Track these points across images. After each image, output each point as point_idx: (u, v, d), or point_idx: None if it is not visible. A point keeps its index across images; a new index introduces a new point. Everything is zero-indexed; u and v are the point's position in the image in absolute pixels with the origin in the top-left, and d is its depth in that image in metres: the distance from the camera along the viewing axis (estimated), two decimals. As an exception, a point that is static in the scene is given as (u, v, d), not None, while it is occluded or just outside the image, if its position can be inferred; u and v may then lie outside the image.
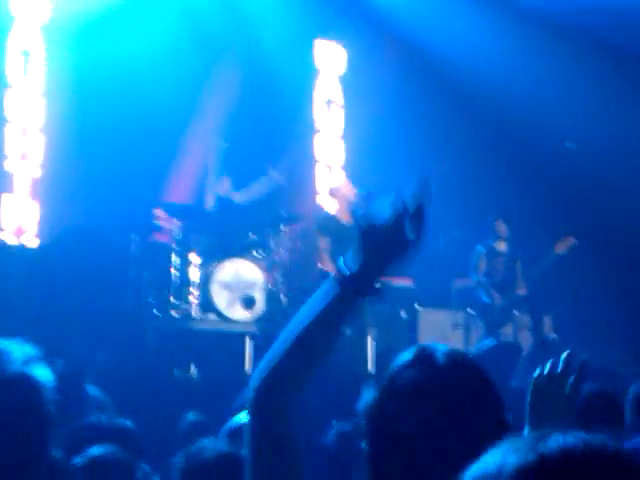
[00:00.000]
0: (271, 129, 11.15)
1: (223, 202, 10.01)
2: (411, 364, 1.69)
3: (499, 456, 1.06)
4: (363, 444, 1.68)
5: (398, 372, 1.71)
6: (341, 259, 1.82)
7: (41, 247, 9.85)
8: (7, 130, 10.25)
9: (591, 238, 10.71)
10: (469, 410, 1.65)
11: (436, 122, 11.49)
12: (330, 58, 12.29)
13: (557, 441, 1.04)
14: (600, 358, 8.80)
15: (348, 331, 8.95)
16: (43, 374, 1.90)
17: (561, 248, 9.72)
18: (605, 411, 3.84)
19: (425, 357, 1.68)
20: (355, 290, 1.82)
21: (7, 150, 10.22)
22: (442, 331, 9.65)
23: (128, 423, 3.56)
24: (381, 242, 1.80)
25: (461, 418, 1.62)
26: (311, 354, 1.79)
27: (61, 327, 7.98)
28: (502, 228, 9.99)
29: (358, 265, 1.80)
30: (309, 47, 12.14)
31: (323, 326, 1.81)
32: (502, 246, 10.02)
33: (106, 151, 10.40)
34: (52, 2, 10.51)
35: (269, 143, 11.06)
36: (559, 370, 2.30)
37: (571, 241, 9.72)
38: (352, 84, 12.18)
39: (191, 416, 4.84)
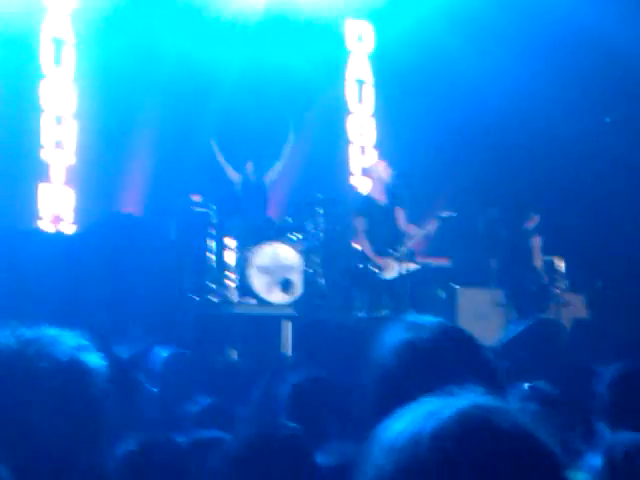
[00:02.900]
0: (302, 112, 11.15)
1: (249, 185, 10.08)
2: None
3: (416, 422, 1.12)
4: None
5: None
6: None
7: (78, 234, 9.92)
8: (42, 120, 10.33)
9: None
10: None
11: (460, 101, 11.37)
12: (360, 37, 12.23)
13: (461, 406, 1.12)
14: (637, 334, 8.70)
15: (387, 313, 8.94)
16: (96, 362, 1.89)
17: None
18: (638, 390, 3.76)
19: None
20: None
21: (43, 139, 10.31)
22: (481, 310, 9.59)
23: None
24: None
25: None
26: None
27: (101, 315, 8.04)
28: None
29: None
30: (340, 28, 12.08)
31: None
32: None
33: (140, 137, 10.46)
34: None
35: (299, 126, 11.07)
36: None
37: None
38: (381, 62, 12.12)
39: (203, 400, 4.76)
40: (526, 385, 4.01)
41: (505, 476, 1.09)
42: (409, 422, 1.14)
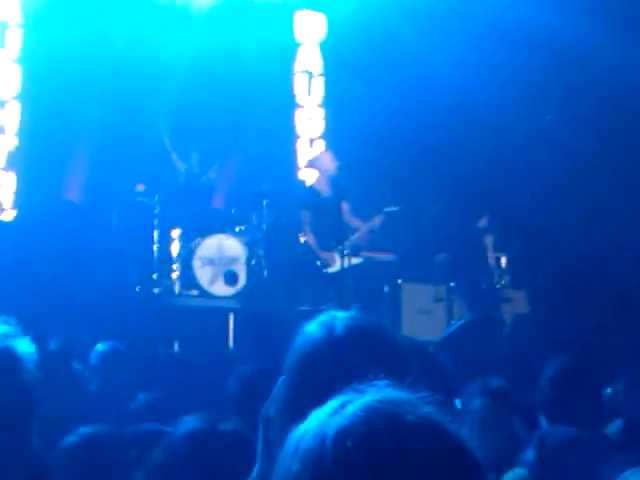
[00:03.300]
0: (250, 105, 11.10)
1: (191, 178, 10.03)
2: None
3: (321, 420, 1.13)
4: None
5: None
6: None
7: (17, 220, 9.77)
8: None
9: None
10: None
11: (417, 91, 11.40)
12: (310, 27, 12.22)
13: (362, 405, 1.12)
14: (577, 329, 8.86)
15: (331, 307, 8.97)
16: (25, 349, 1.88)
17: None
18: (577, 384, 3.85)
19: None
20: None
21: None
22: (424, 305, 9.68)
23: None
24: None
25: None
26: None
27: (40, 303, 7.94)
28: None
29: None
30: (290, 20, 12.06)
31: None
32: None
33: (84, 122, 10.33)
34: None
35: (248, 119, 11.04)
36: None
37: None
38: (332, 51, 12.12)
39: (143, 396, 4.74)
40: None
41: (413, 468, 1.08)
42: (314, 421, 1.13)
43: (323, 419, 1.13)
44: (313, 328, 1.93)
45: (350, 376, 1.20)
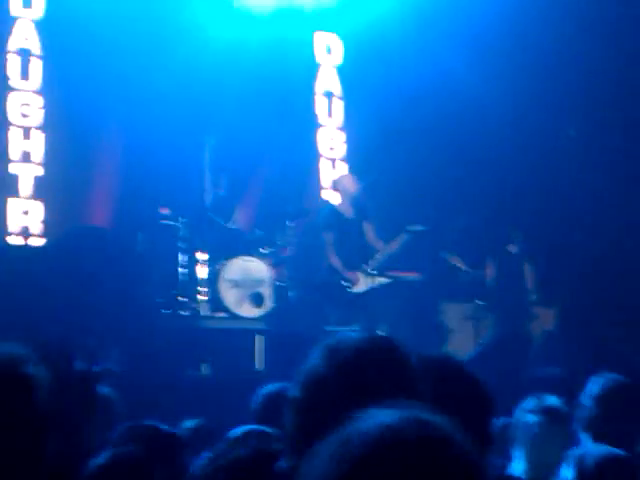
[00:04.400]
0: (273, 125, 11.12)
1: (215, 200, 10.03)
2: None
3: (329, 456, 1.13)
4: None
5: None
6: None
7: (47, 247, 9.83)
8: (10, 133, 10.24)
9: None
10: None
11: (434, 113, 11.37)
12: (328, 49, 12.27)
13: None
14: (616, 347, 8.78)
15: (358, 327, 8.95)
16: (37, 374, 1.87)
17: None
18: (625, 403, 3.78)
19: None
20: None
21: (11, 153, 10.21)
22: (453, 323, 9.63)
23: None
24: None
25: None
26: None
27: (69, 327, 7.96)
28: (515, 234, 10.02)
29: None
30: (309, 41, 12.11)
31: None
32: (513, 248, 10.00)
33: (108, 149, 10.40)
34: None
35: (271, 139, 11.05)
36: None
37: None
38: (349, 75, 12.16)
39: (189, 423, 4.75)
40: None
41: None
42: (322, 456, 1.13)
43: (331, 452, 1.13)
44: (319, 353, 1.92)
45: (355, 402, 1.21)
